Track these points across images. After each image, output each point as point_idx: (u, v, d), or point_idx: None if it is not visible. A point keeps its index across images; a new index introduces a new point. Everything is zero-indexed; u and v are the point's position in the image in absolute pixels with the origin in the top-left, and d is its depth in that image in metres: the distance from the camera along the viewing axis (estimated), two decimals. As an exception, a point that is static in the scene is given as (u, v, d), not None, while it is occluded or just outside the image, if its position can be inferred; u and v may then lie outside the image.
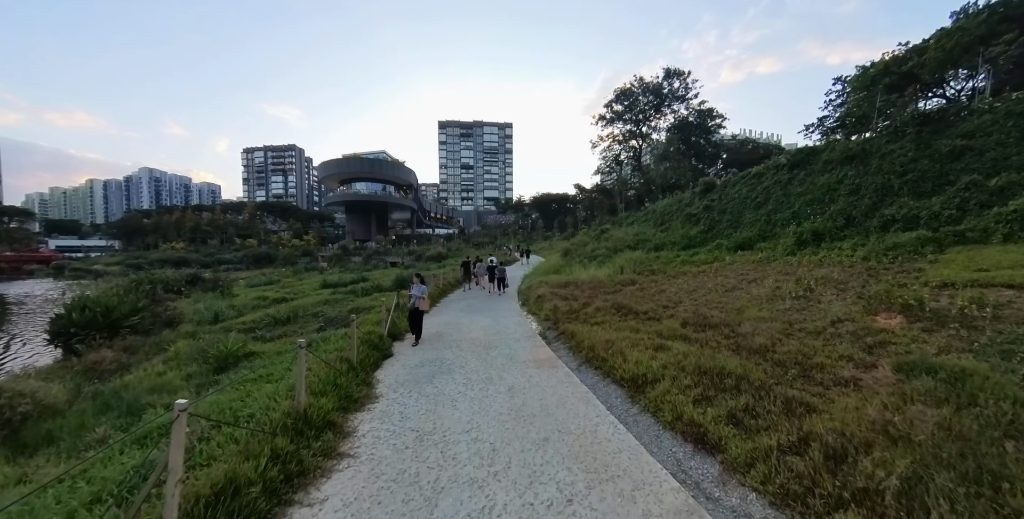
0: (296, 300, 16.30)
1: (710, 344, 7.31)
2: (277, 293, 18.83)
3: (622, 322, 9.24)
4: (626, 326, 8.73)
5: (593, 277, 15.39)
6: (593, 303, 10.97)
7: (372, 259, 46.65)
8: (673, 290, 12.71)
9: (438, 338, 7.98)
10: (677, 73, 50.42)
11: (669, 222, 24.06)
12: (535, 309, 11.51)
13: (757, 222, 17.74)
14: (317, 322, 11.03)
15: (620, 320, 9.44)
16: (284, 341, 9.01)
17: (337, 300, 14.14)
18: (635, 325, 8.84)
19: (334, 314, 11.46)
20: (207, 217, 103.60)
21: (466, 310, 11.66)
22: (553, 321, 9.67)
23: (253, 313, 13.35)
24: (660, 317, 9.57)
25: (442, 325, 9.37)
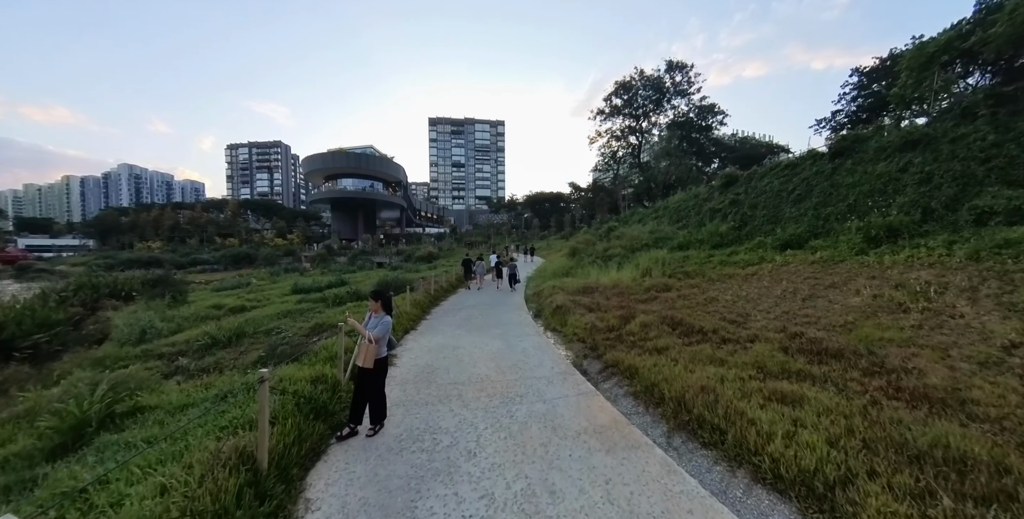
0: (256, 310, 13.41)
1: (852, 387, 4.82)
2: (239, 300, 15.87)
3: (689, 346, 6.69)
4: (700, 354, 6.20)
5: (616, 281, 12.77)
6: (635, 317, 8.37)
7: (358, 259, 43.56)
8: (727, 298, 10.19)
9: (428, 378, 5.24)
10: (679, 66, 48.21)
11: (687, 218, 21.61)
12: (556, 323, 8.84)
13: (802, 217, 15.30)
14: (268, 342, 8.19)
15: (684, 343, 6.88)
16: (207, 380, 6.18)
17: (303, 311, 11.30)
18: (710, 352, 6.31)
19: (291, 333, 8.62)
20: (187, 215, 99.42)
21: (466, 325, 8.92)
22: (590, 344, 7.00)
23: (194, 329, 10.43)
24: (737, 338, 7.08)
25: (434, 352, 6.61)
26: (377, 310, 4.06)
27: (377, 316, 4.06)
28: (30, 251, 79.44)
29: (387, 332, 4.00)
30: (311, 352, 5.82)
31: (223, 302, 15.13)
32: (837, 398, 4.50)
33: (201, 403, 4.94)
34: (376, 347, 3.80)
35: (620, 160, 55.86)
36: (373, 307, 4.10)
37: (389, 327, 4.03)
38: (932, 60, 15.80)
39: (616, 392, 5.12)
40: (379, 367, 3.93)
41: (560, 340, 7.74)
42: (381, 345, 3.90)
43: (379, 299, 4.07)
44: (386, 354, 4.02)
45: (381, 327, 3.93)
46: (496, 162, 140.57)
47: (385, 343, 3.98)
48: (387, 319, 4.03)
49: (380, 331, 3.90)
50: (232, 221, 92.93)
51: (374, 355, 3.80)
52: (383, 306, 4.09)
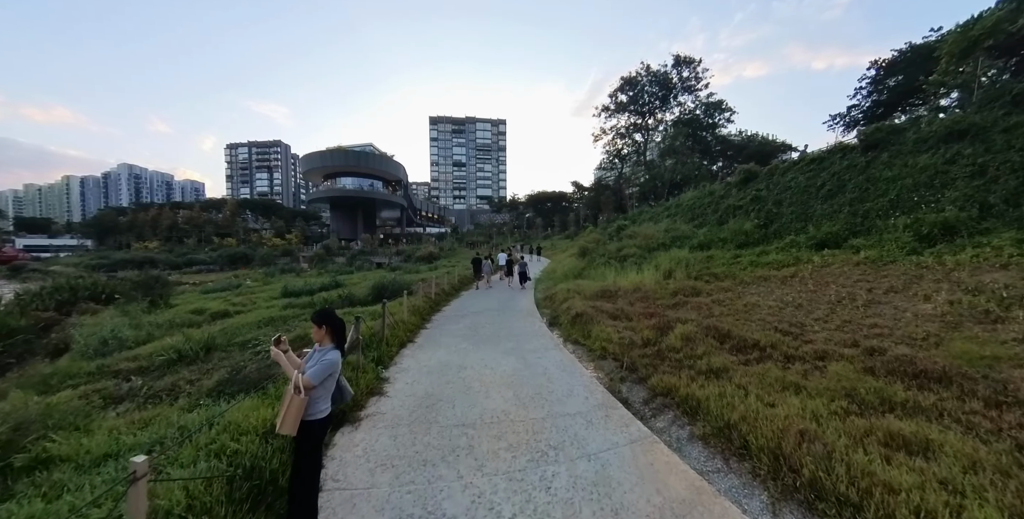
0: (240, 315, 12.19)
1: (980, 423, 3.71)
2: (224, 304, 14.65)
3: (748, 366, 5.49)
4: (766, 376, 5.01)
5: (637, 283, 11.53)
6: (672, 327, 7.17)
7: (357, 259, 42.35)
8: (770, 304, 8.95)
9: (427, 415, 3.96)
10: (687, 61, 46.95)
11: (704, 216, 20.35)
12: (577, 335, 7.61)
13: (837, 214, 14.04)
14: (235, 360, 6.97)
15: (740, 361, 5.68)
16: (149, 413, 4.95)
17: (287, 319, 10.07)
18: (778, 374, 5.12)
19: (267, 347, 7.40)
20: (185, 215, 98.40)
21: (472, 336, 7.68)
22: (626, 363, 5.77)
23: (166, 338, 9.18)
24: (802, 354, 5.89)
25: (435, 374, 5.37)
26: (322, 340, 2.64)
27: (321, 349, 2.63)
28: (28, 251, 79.37)
29: (328, 375, 2.51)
30: (281, 378, 4.58)
31: (206, 306, 13.91)
32: (971, 441, 3.35)
33: (126, 453, 3.72)
34: (304, 401, 2.34)
35: (625, 158, 54.66)
36: (316, 336, 2.66)
37: (334, 368, 2.54)
38: (975, 45, 14.52)
39: (678, 434, 3.88)
40: (309, 435, 2.43)
41: (586, 356, 6.50)
42: (317, 399, 2.47)
43: (323, 323, 2.62)
44: (326, 414, 2.56)
45: (319, 368, 2.47)
46: (497, 161, 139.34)
47: (327, 396, 2.56)
48: (333, 356, 2.55)
49: (316, 374, 2.44)
50: (230, 221, 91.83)
51: (300, 414, 2.34)
52: (331, 334, 2.63)
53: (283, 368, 2.57)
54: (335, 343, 2.62)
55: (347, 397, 2.88)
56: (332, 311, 2.78)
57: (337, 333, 2.65)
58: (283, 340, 2.67)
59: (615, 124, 51.29)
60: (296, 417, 2.32)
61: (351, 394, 2.95)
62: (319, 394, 2.51)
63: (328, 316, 2.67)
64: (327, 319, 2.64)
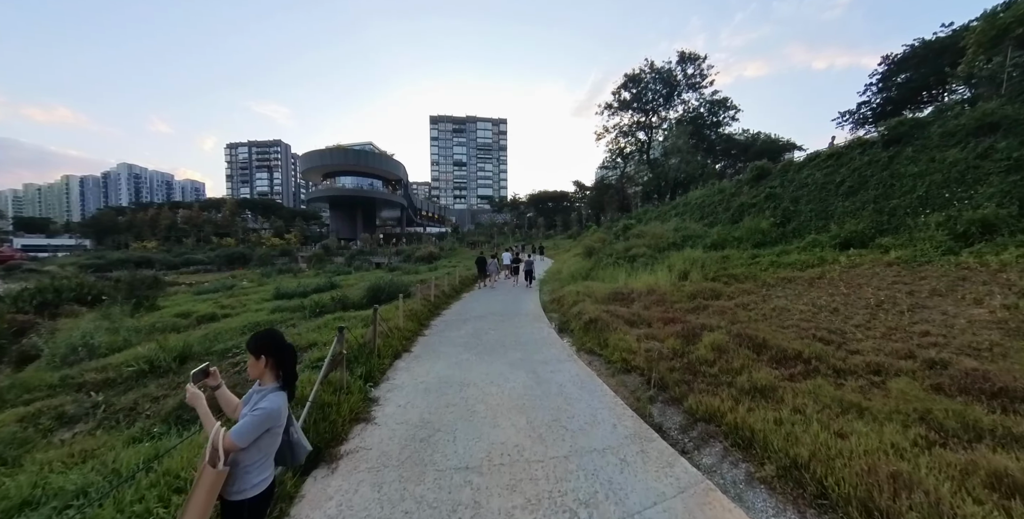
0: (228, 319, 11.45)
1: None
2: (213, 306, 13.91)
3: (794, 382, 4.79)
4: (820, 395, 4.31)
5: (651, 285, 10.78)
6: (699, 335, 6.45)
7: (356, 259, 41.61)
8: (800, 308, 8.21)
9: (421, 453, 3.15)
10: (691, 58, 46.10)
11: (714, 215, 19.60)
12: (592, 343, 6.86)
13: (860, 211, 13.29)
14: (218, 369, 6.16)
15: (785, 376, 4.96)
16: (94, 442, 4.22)
17: (275, 323, 9.32)
18: (833, 392, 4.42)
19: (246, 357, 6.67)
20: (184, 215, 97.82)
21: (475, 344, 6.93)
22: (653, 378, 5.02)
23: (143, 344, 8.43)
24: (852, 367, 5.19)
25: (433, 393, 4.62)
26: (261, 376, 1.85)
27: (259, 390, 1.83)
28: (26, 251, 79.20)
29: (266, 430, 1.72)
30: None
31: (194, 309, 13.17)
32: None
33: (50, 499, 2.99)
34: (222, 476, 1.58)
35: (628, 157, 53.82)
36: (253, 371, 1.85)
37: (274, 421, 1.73)
38: (1004, 33, 13.76)
39: (733, 475, 3.12)
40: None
41: (604, 369, 5.74)
42: (248, 468, 1.68)
43: (262, 353, 1.83)
44: (266, 486, 1.76)
45: (250, 421, 1.66)
46: (498, 161, 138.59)
47: (265, 462, 1.76)
48: (273, 402, 1.74)
49: (243, 431, 1.65)
50: (229, 221, 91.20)
51: (213, 497, 1.57)
52: (274, 369, 1.83)
53: (201, 418, 1.73)
54: (280, 381, 1.83)
55: (300, 457, 2.02)
56: (276, 334, 1.93)
57: (284, 365, 1.84)
58: (212, 372, 1.90)
59: (618, 122, 50.48)
60: (207, 504, 1.50)
61: (308, 450, 2.07)
62: (252, 460, 1.70)
63: (268, 342, 1.84)
64: (268, 346, 1.82)
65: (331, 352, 3.93)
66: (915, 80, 29.17)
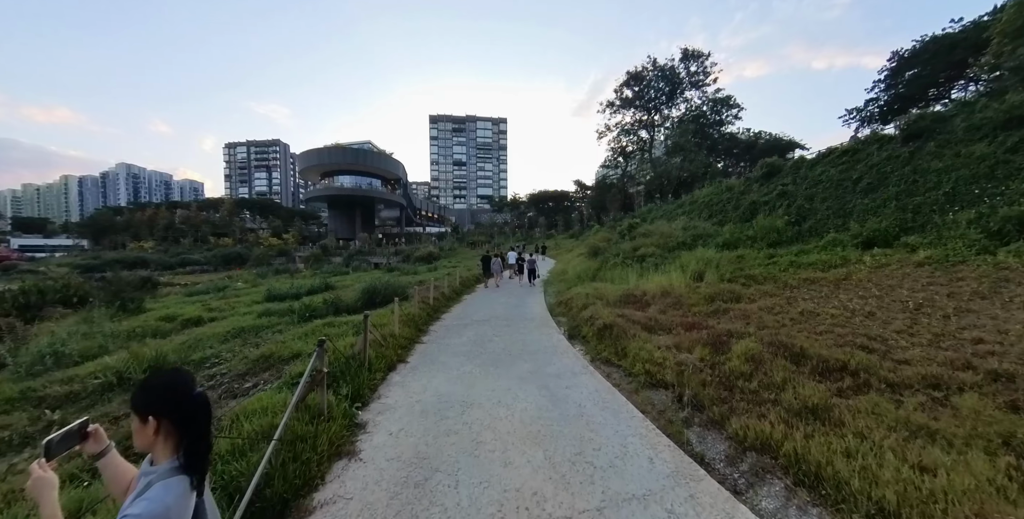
0: (214, 323, 10.78)
1: None
2: (201, 309, 13.23)
3: (844, 398, 4.15)
4: (882, 415, 3.73)
5: (664, 287, 10.11)
6: (727, 343, 5.82)
7: (354, 259, 40.94)
8: (831, 311, 7.57)
9: (412, 504, 2.48)
10: (695, 55, 45.55)
11: (724, 213, 18.95)
12: (608, 352, 6.21)
13: (881, 209, 12.65)
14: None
15: (834, 392, 4.32)
16: (15, 478, 3.53)
17: (260, 329, 8.63)
18: (895, 413, 3.82)
19: (227, 367, 5.98)
20: (182, 215, 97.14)
21: (478, 353, 6.27)
22: (688, 399, 4.36)
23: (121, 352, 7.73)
24: (905, 379, 4.60)
25: (430, 417, 3.93)
26: (151, 446, 1.13)
27: (149, 472, 1.11)
28: (23, 251, 78.96)
29: None
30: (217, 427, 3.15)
31: (180, 312, 12.49)
32: None
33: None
34: None
35: (630, 156, 53.16)
36: (139, 437, 1.12)
37: None
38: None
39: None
40: None
41: (625, 382, 5.08)
42: None
43: (150, 412, 1.11)
44: None
45: None
46: (498, 160, 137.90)
47: None
48: (161, 499, 1.02)
49: None
50: (227, 221, 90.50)
51: None
52: (169, 435, 1.12)
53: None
54: (181, 458, 1.12)
55: None
56: (176, 382, 1.18)
57: (187, 432, 1.13)
58: (94, 432, 1.23)
59: (620, 120, 49.88)
60: None
61: None
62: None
63: (162, 395, 1.13)
64: (161, 402, 1.12)
65: (308, 369, 3.27)
66: (925, 76, 28.53)
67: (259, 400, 3.58)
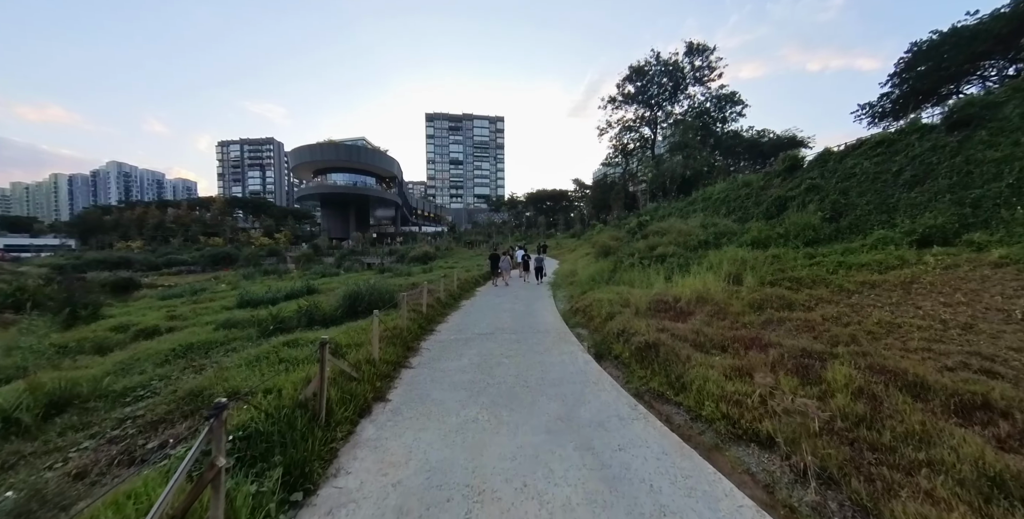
0: (169, 334, 9.20)
1: None
2: (164, 316, 11.64)
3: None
4: None
5: (699, 292, 8.61)
6: (814, 369, 4.34)
7: (346, 259, 39.30)
8: (915, 323, 6.21)
9: None
10: (700, 49, 44.15)
11: (743, 210, 17.55)
12: (661, 383, 4.71)
13: (932, 203, 11.25)
14: (74, 438, 4.04)
15: (991, 443, 2.73)
16: None
17: (214, 346, 7.07)
18: None
19: (150, 403, 4.43)
20: (172, 214, 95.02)
21: (484, 385, 4.75)
22: (809, 468, 2.84)
23: (39, 375, 6.16)
24: None
25: (410, 514, 2.46)
26: None
27: None
28: (8, 250, 77.28)
29: None
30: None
31: (138, 320, 10.90)
32: None
33: None
34: None
35: (631, 153, 51.69)
36: None
37: None
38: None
39: None
40: None
41: (698, 433, 3.58)
42: None
43: None
44: None
45: None
46: (495, 159, 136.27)
47: None
48: None
49: None
50: (219, 220, 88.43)
51: None
52: None
53: None
54: None
55: None
56: None
57: None
58: None
59: (622, 116, 48.43)
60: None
61: None
62: None
63: None
64: None
65: (189, 458, 1.74)
66: (945, 69, 27.29)
67: (114, 503, 2.06)
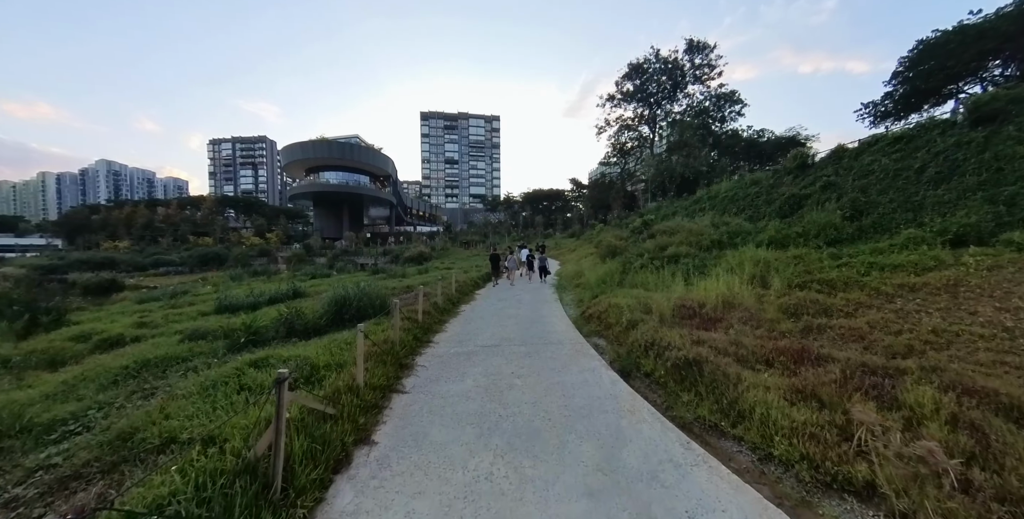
0: (132, 346, 8.24)
1: None
2: (134, 323, 10.65)
3: None
4: None
5: (725, 296, 7.80)
6: (884, 389, 3.47)
7: (339, 260, 38.22)
8: (975, 331, 5.46)
9: None
10: (700, 47, 43.54)
11: (754, 208, 16.85)
12: (709, 410, 3.85)
13: (962, 201, 10.57)
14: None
15: None
16: None
17: (174, 362, 6.14)
18: None
19: (77, 443, 3.51)
20: (162, 213, 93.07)
21: (494, 418, 3.88)
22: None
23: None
24: None
25: None
26: None
27: None
28: None
29: None
30: None
31: (104, 328, 9.91)
32: None
33: None
34: None
35: (629, 153, 51.01)
36: None
37: None
38: None
39: None
40: None
41: (774, 479, 2.73)
42: None
43: None
44: None
45: None
46: (491, 159, 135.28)
47: None
48: None
49: None
50: (209, 219, 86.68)
51: None
52: None
53: None
54: None
55: None
56: None
57: None
58: None
59: (621, 115, 47.71)
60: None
61: None
62: None
63: None
64: None
65: None
66: (952, 67, 26.82)
67: None
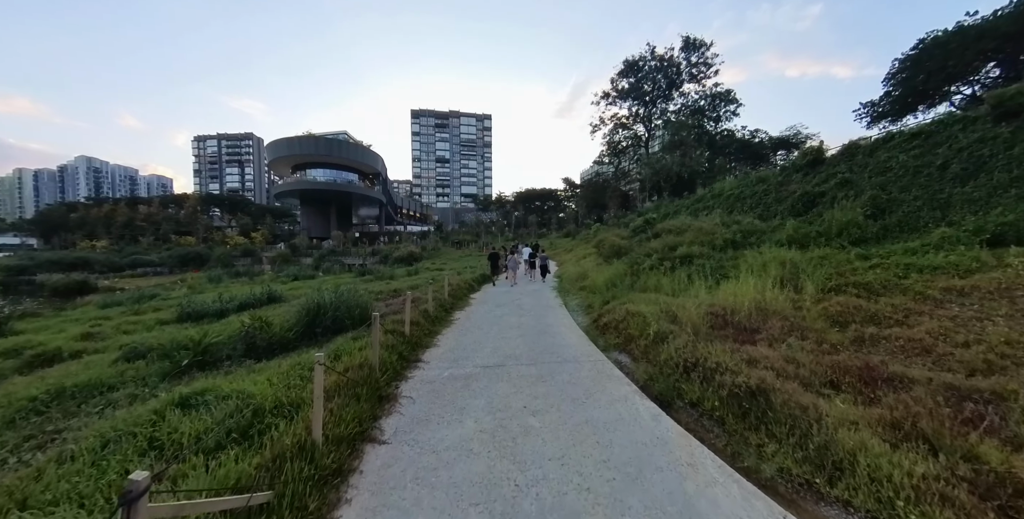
0: (68, 363, 7.05)
1: None
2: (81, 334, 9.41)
3: None
4: None
5: (756, 301, 6.87)
6: (992, 418, 2.36)
7: (326, 260, 36.81)
8: None
9: None
10: (696, 45, 42.94)
11: (763, 206, 16.08)
12: (806, 470, 2.83)
13: (993, 199, 9.84)
14: None
15: None
16: None
17: (100, 390, 5.01)
18: None
19: None
20: (144, 212, 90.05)
21: (509, 483, 2.89)
22: None
23: None
24: None
25: None
26: None
27: None
28: None
29: None
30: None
31: (43, 340, 8.66)
32: None
33: None
34: None
35: (623, 152, 50.32)
36: None
37: None
38: None
39: None
40: None
41: None
42: None
43: None
44: None
45: None
46: (483, 158, 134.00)
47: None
48: None
49: None
50: (192, 218, 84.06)
51: None
52: None
53: None
54: None
55: None
56: None
57: None
58: None
59: (616, 113, 46.96)
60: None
61: None
62: None
63: None
64: None
65: None
66: (952, 66, 26.54)
67: None
